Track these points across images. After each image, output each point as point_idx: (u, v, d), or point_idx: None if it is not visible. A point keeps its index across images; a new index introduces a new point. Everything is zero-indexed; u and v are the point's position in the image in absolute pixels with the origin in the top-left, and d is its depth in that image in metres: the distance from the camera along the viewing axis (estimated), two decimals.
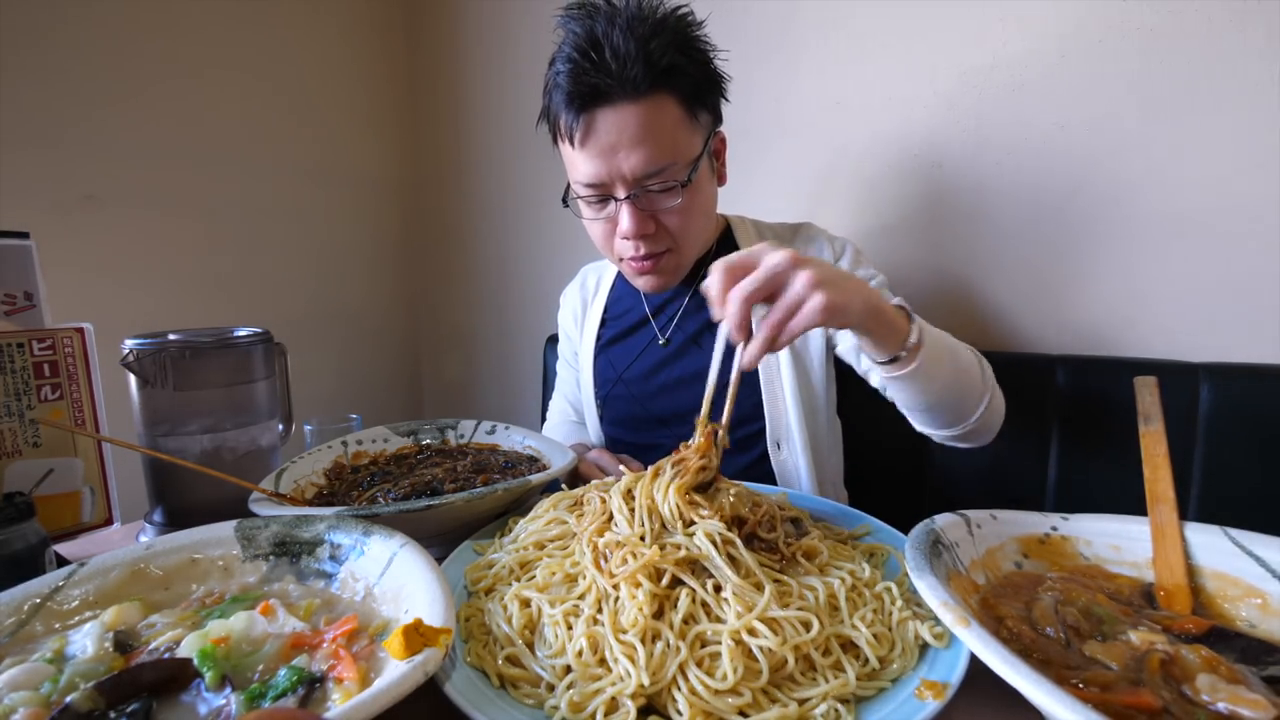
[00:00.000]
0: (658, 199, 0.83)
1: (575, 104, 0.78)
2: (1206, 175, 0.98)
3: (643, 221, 0.83)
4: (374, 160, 1.88)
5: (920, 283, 1.23)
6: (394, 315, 2.00)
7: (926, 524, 0.55)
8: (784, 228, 1.03)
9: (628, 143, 0.78)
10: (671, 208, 0.84)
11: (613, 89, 0.77)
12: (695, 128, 0.83)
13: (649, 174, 0.80)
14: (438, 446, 0.94)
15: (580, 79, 0.77)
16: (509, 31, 1.72)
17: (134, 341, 0.79)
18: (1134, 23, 1.00)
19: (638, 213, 0.83)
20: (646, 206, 0.84)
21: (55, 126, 1.25)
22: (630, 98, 0.77)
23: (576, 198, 0.87)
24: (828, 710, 0.43)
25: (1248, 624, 0.50)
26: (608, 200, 0.84)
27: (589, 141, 0.80)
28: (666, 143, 0.80)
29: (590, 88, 0.77)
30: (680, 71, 0.79)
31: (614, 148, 0.79)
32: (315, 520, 0.60)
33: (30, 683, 0.41)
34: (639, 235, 0.84)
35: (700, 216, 0.89)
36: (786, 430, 0.94)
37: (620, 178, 0.81)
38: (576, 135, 0.80)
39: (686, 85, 0.80)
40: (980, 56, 1.12)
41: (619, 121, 0.78)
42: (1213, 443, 0.93)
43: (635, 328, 1.04)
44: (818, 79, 1.27)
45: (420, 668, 0.39)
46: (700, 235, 0.91)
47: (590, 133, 0.79)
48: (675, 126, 0.81)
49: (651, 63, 0.76)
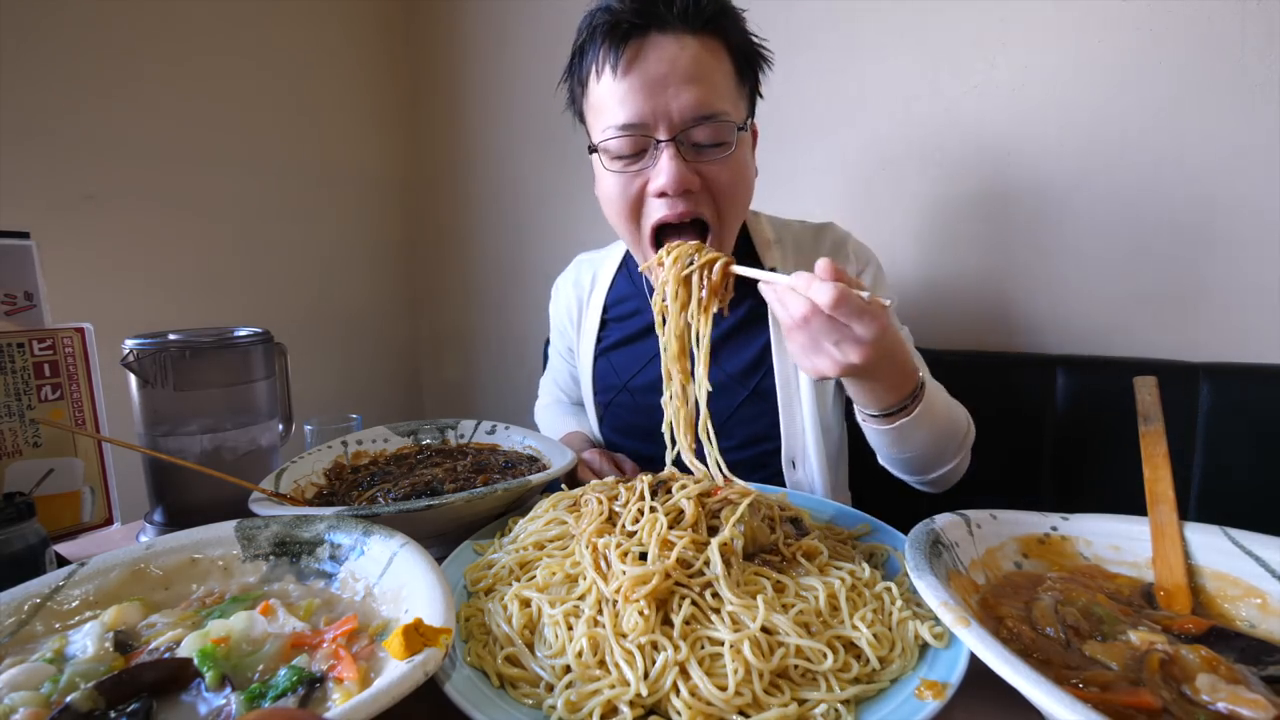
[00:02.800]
0: (705, 152, 0.74)
1: (623, 27, 0.71)
2: (1206, 175, 0.98)
3: (685, 174, 0.72)
4: (374, 160, 1.88)
5: (920, 282, 1.23)
6: (394, 315, 2.00)
7: (926, 524, 0.55)
8: (805, 228, 0.96)
9: (680, 76, 0.70)
10: (722, 160, 0.74)
11: (669, 15, 0.70)
12: (741, 93, 0.77)
13: (700, 117, 0.71)
14: (438, 446, 0.94)
15: (630, 4, 0.71)
16: (509, 32, 1.72)
17: (134, 341, 0.79)
18: (1134, 23, 1.00)
19: (682, 162, 0.72)
20: (690, 159, 0.74)
21: (55, 126, 1.25)
22: (687, 28, 0.71)
23: (605, 141, 0.75)
24: (828, 710, 0.43)
25: (1247, 624, 0.50)
26: (643, 151, 0.74)
27: (634, 70, 0.71)
28: (720, 88, 0.72)
29: (645, 6, 0.70)
30: (731, 19, 0.74)
31: (663, 80, 0.70)
32: (315, 520, 0.60)
33: (30, 683, 0.41)
34: (680, 190, 0.73)
35: (745, 187, 0.80)
36: (803, 451, 0.90)
37: (666, 116, 0.71)
38: (620, 63, 0.71)
39: (737, 37, 0.75)
40: (980, 56, 1.12)
41: (673, 51, 0.70)
42: (1213, 443, 0.93)
43: (641, 334, 0.97)
44: (816, 79, 1.27)
45: (420, 668, 0.39)
46: (740, 213, 0.81)
47: (637, 61, 0.71)
48: (727, 78, 0.74)
49: (704, 4, 0.71)
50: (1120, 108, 1.03)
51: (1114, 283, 1.07)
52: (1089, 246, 1.08)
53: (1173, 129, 1.00)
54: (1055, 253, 1.11)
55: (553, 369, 1.18)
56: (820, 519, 0.69)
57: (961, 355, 1.12)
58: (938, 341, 1.15)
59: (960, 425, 0.80)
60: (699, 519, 0.55)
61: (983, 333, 1.19)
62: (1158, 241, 1.03)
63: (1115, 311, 1.07)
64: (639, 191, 0.76)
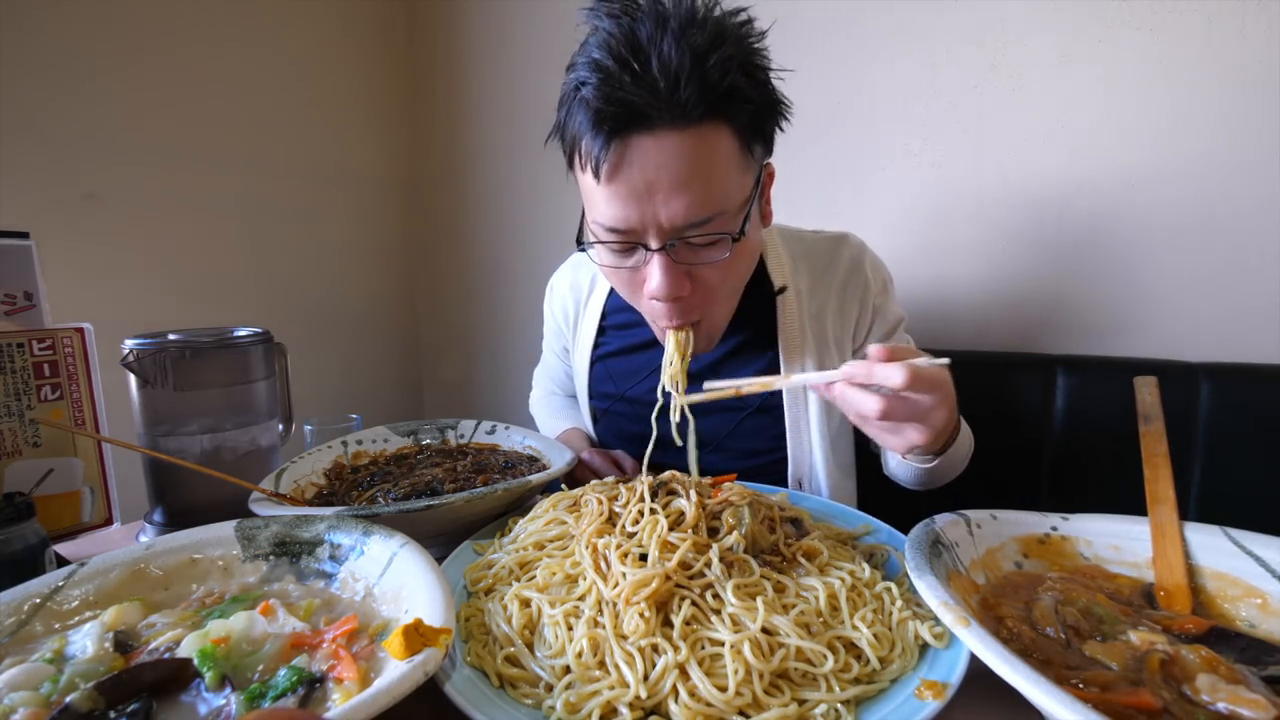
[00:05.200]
0: (700, 252, 0.67)
1: (604, 126, 0.61)
2: (1206, 175, 0.98)
3: (678, 280, 0.67)
4: (375, 160, 1.88)
5: (920, 282, 1.23)
6: (394, 315, 2.00)
7: (926, 524, 0.55)
8: (820, 240, 0.91)
9: (669, 183, 0.62)
10: (714, 263, 0.68)
11: (656, 112, 0.60)
12: (749, 164, 0.67)
13: (693, 223, 0.64)
14: (438, 446, 0.94)
15: (613, 95, 0.60)
16: (510, 31, 1.72)
17: (134, 341, 0.79)
18: (1134, 23, 1.00)
19: (672, 268, 0.66)
20: (684, 260, 0.67)
21: (56, 125, 1.25)
22: (676, 125, 0.61)
23: (595, 242, 0.70)
24: (828, 710, 0.43)
25: (1248, 624, 0.50)
26: (635, 248, 0.68)
27: (618, 177, 0.63)
28: (717, 185, 0.64)
29: (626, 107, 0.60)
30: (741, 96, 0.62)
31: (650, 188, 0.62)
32: (315, 520, 0.60)
33: (30, 683, 0.41)
34: (672, 297, 0.68)
35: (744, 273, 0.75)
36: (810, 470, 0.87)
37: (655, 225, 0.64)
38: (603, 168, 0.63)
39: (745, 114, 0.64)
40: (980, 56, 1.12)
41: (659, 155, 0.61)
42: (1213, 443, 0.93)
43: (642, 347, 0.94)
44: (817, 79, 1.27)
45: (420, 668, 0.39)
46: (738, 295, 0.77)
47: (621, 166, 0.62)
48: (727, 165, 0.64)
49: (709, 84, 0.59)
50: (1120, 108, 1.03)
51: (1114, 283, 1.07)
52: (1089, 246, 1.08)
53: (1172, 129, 1.00)
54: (1055, 252, 1.11)
55: (546, 363, 1.17)
56: (820, 519, 0.69)
57: (961, 355, 1.11)
58: (938, 342, 1.15)
59: (969, 438, 0.80)
60: (700, 520, 0.55)
61: (983, 333, 1.19)
62: (1157, 241, 1.03)
63: (1115, 311, 1.07)
64: (634, 283, 0.72)
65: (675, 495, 0.58)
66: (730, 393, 0.65)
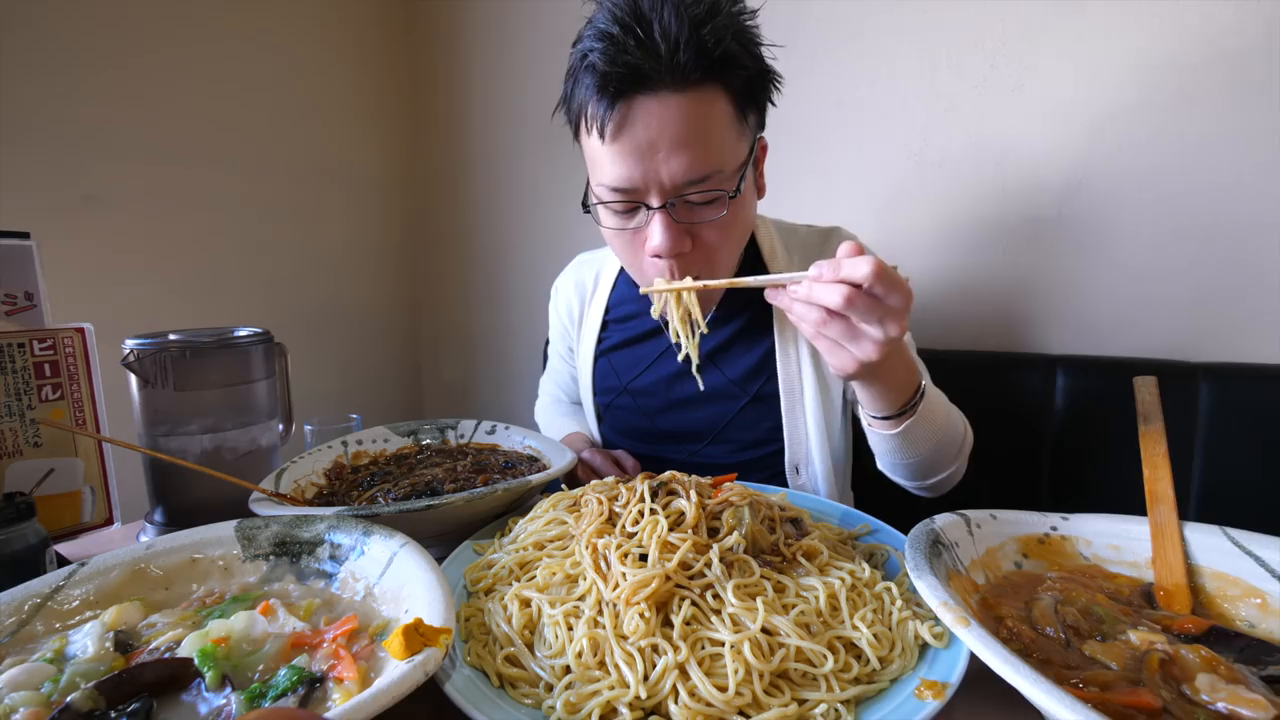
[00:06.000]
0: (698, 210, 0.72)
1: (610, 88, 0.67)
2: (1206, 175, 0.98)
3: (678, 238, 0.72)
4: (374, 160, 1.88)
5: (920, 282, 1.23)
6: (394, 315, 2.00)
7: (926, 524, 0.55)
8: (811, 233, 0.95)
9: (670, 141, 0.67)
10: (713, 221, 0.72)
11: (657, 74, 0.65)
12: (743, 130, 0.72)
13: (692, 181, 0.69)
14: (438, 446, 0.94)
15: (618, 59, 0.65)
16: (510, 31, 1.72)
17: (134, 341, 0.79)
18: (1134, 23, 1.00)
19: (673, 226, 0.71)
20: (684, 219, 0.72)
21: (56, 126, 1.25)
22: (677, 86, 0.66)
23: (598, 203, 0.75)
24: (828, 710, 0.43)
25: (1247, 624, 0.50)
26: (637, 209, 0.73)
27: (622, 136, 0.68)
28: (715, 145, 0.69)
29: (630, 70, 0.65)
30: (735, 63, 0.68)
31: (653, 146, 0.67)
32: (315, 520, 0.60)
33: (31, 682, 0.41)
34: (673, 253, 0.72)
35: (741, 235, 0.79)
36: (806, 456, 0.89)
37: (657, 183, 0.69)
38: (608, 128, 0.68)
39: (739, 80, 0.69)
40: (980, 56, 1.12)
41: (661, 114, 0.66)
42: (1213, 443, 0.93)
43: (644, 337, 0.96)
44: (818, 79, 1.27)
45: (420, 668, 0.39)
46: (736, 256, 0.81)
47: (625, 126, 0.67)
48: (724, 127, 0.70)
49: (705, 48, 0.65)
50: (1120, 108, 1.03)
51: (1114, 282, 1.07)
52: (1088, 247, 1.08)
53: (1172, 129, 1.00)
54: (1055, 253, 1.11)
55: (552, 369, 1.18)
56: (820, 519, 0.69)
57: (961, 355, 1.12)
58: (938, 341, 1.15)
59: (958, 428, 0.80)
60: (700, 521, 0.55)
61: (983, 333, 1.19)
62: (1157, 241, 1.03)
63: (1115, 311, 1.08)
64: (637, 244, 0.76)
65: (675, 495, 0.58)
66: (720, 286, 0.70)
